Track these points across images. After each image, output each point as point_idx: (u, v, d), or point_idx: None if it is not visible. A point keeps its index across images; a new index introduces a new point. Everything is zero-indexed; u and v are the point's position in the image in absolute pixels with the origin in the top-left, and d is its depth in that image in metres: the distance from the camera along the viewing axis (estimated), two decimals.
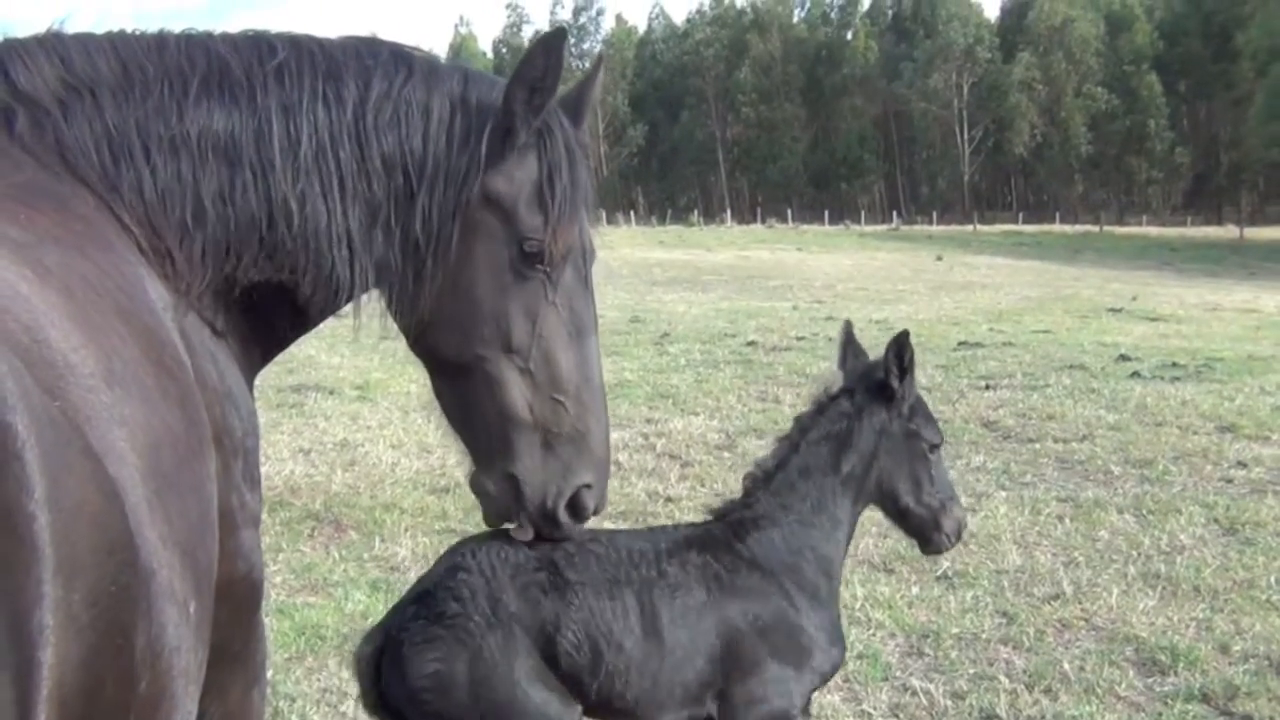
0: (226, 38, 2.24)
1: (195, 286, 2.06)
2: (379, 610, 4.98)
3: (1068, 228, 78.04)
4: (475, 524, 6.26)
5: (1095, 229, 74.36)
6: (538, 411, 2.32)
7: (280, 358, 2.61)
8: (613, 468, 7.53)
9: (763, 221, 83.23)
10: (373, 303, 2.32)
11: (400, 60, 2.27)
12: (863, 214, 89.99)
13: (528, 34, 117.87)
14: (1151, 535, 6.16)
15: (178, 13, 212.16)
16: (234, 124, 2.11)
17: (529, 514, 2.40)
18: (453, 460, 7.97)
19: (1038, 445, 8.40)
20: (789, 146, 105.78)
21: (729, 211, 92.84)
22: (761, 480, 2.80)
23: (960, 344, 14.58)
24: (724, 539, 2.69)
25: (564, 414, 2.33)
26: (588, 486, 2.38)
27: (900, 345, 2.89)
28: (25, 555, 1.19)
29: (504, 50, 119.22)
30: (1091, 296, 25.87)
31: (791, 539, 2.70)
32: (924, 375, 11.75)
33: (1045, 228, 76.98)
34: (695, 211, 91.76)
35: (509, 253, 2.27)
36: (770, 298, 24.54)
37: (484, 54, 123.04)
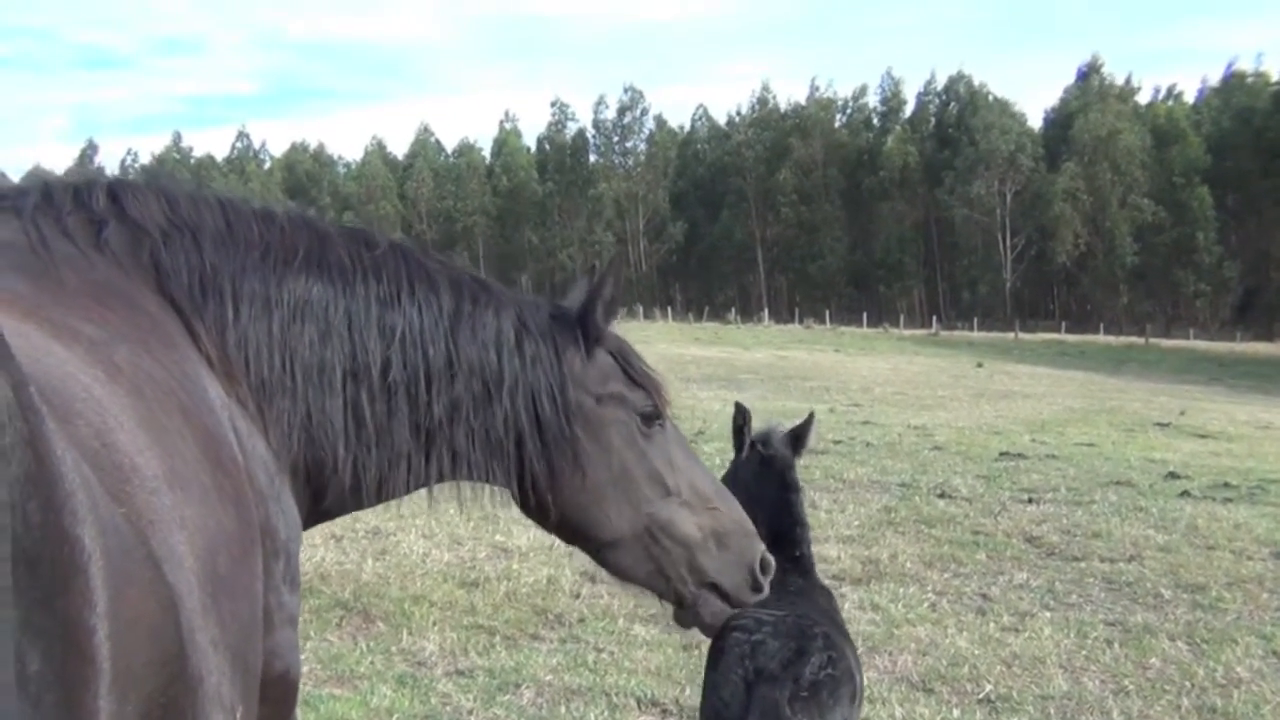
0: (331, 221, 2.56)
1: (265, 429, 2.20)
2: (405, 706, 4.94)
3: (1112, 338, 77.53)
4: (505, 620, 6.25)
5: (1140, 341, 73.80)
6: (705, 527, 2.85)
7: None
8: None
9: (800, 321, 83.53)
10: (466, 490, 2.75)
11: (479, 285, 2.65)
12: (902, 317, 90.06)
13: (570, 130, 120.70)
14: (1206, 666, 5.99)
15: (226, 96, 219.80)
16: (330, 301, 2.35)
17: (739, 604, 2.92)
18: (483, 553, 7.97)
19: (1083, 564, 8.24)
20: (829, 247, 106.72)
21: (766, 310, 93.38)
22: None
23: (1002, 454, 14.44)
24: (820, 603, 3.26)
25: (720, 514, 2.89)
26: (763, 550, 2.96)
27: (806, 426, 3.56)
28: (85, 670, 1.21)
29: (547, 146, 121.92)
30: (1137, 410, 25.58)
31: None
32: (964, 485, 11.63)
33: (1089, 338, 76.56)
34: (733, 309, 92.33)
35: (634, 425, 2.79)
36: (806, 399, 24.49)
37: (527, 149, 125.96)
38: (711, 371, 32.58)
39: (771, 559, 2.99)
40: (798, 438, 3.51)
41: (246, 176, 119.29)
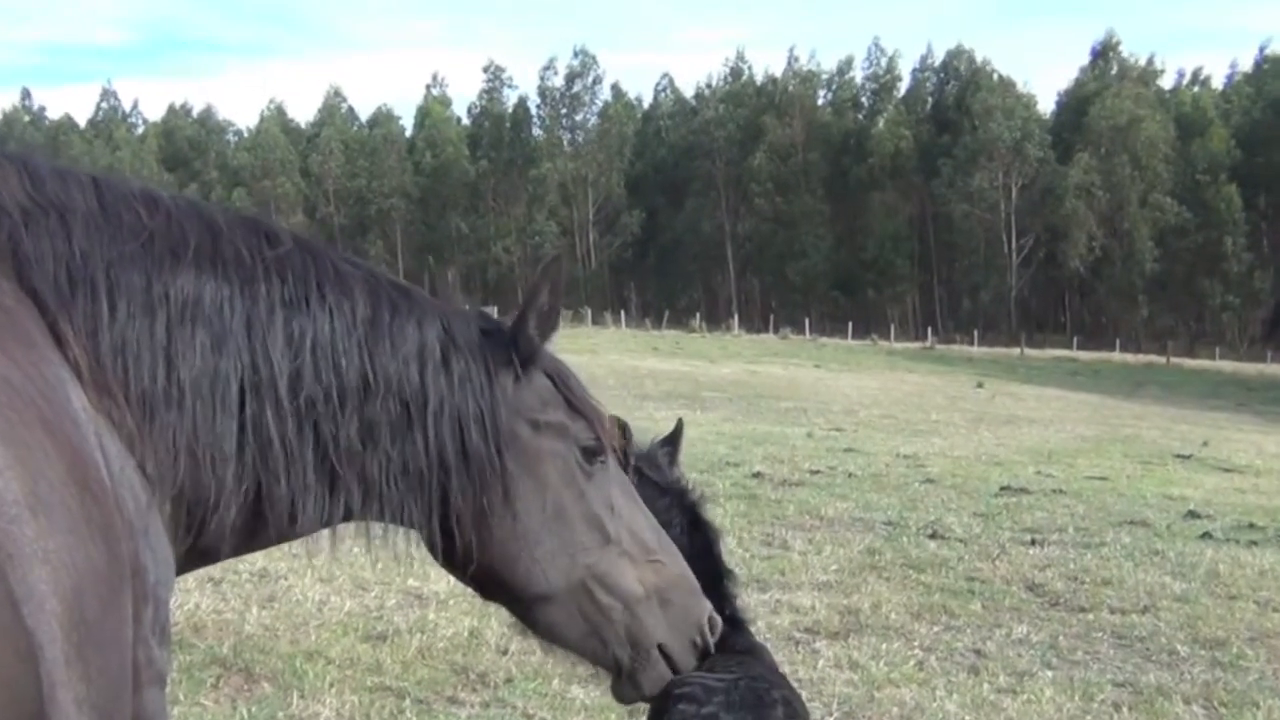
0: (225, 210, 2.51)
1: (142, 451, 2.15)
2: None
3: (1129, 356, 79.03)
4: (417, 681, 6.18)
5: (1161, 360, 75.38)
6: (647, 582, 2.87)
7: None
8: None
9: (775, 331, 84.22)
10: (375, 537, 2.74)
11: (400, 291, 2.63)
12: (893, 328, 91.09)
13: (509, 100, 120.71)
14: None
15: (87, 47, 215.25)
16: (225, 302, 2.32)
17: (683, 670, 2.94)
18: (393, 601, 7.88)
19: (1091, 616, 8.36)
20: (809, 245, 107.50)
21: (736, 317, 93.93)
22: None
23: (1002, 489, 14.62)
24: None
25: (663, 568, 2.91)
26: (710, 609, 3.00)
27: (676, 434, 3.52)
28: None
29: (481, 118, 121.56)
30: (1156, 439, 26.04)
31: None
32: (959, 524, 11.75)
33: (1103, 355, 78.00)
34: (697, 315, 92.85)
35: (574, 460, 2.79)
36: (781, 421, 24.64)
37: (457, 120, 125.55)
38: (671, 388, 32.68)
39: (719, 619, 3.01)
40: (671, 456, 3.46)
41: (115, 144, 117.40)
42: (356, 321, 2.49)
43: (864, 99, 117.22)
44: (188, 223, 2.37)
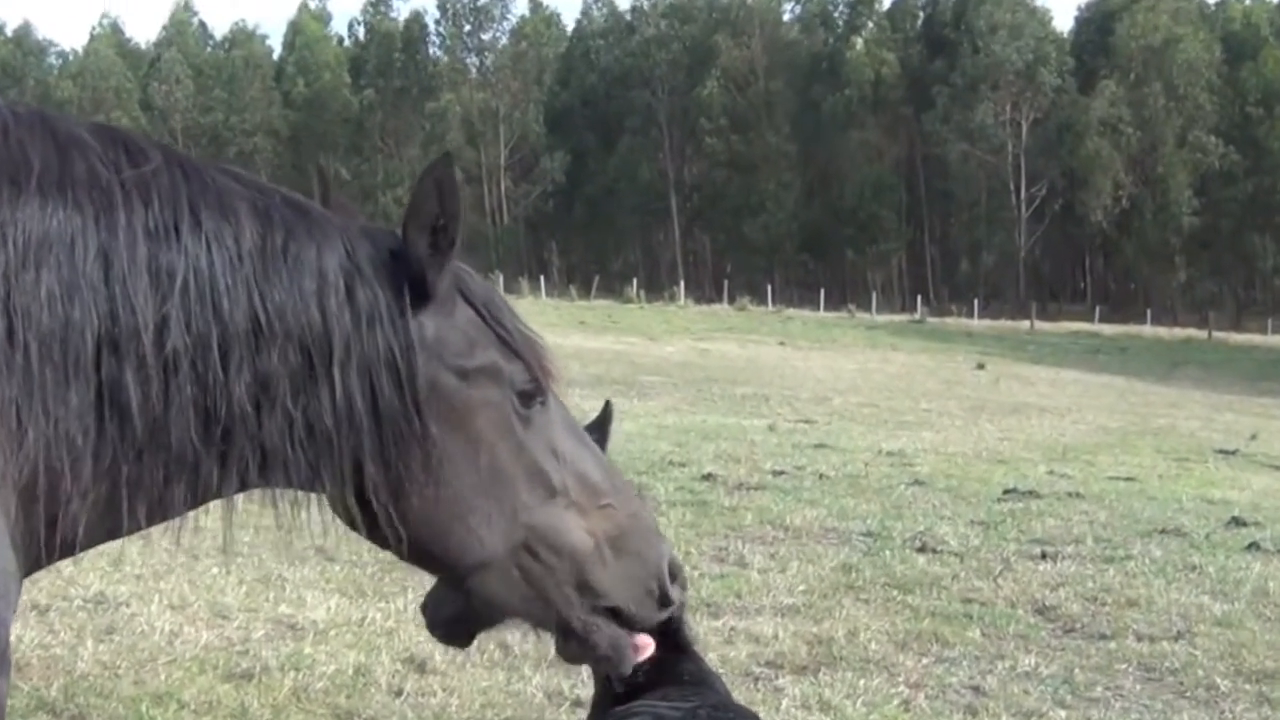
0: (76, 121, 2.47)
1: None
2: None
3: (1163, 330, 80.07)
4: None
5: (1201, 334, 76.39)
6: (597, 531, 3.01)
7: None
8: (499, 654, 7.46)
9: (731, 301, 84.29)
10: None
11: (294, 208, 2.61)
12: (874, 297, 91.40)
13: (401, 14, 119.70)
14: None
15: None
16: (77, 236, 2.29)
17: (643, 625, 3.12)
18: (261, 631, 7.87)
19: (1113, 644, 8.49)
20: (772, 195, 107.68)
21: (683, 284, 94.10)
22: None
23: (1007, 492, 14.79)
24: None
25: (614, 512, 3.05)
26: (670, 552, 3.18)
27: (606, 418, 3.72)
28: None
29: (370, 41, 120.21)
30: (1194, 431, 26.44)
31: None
32: (954, 535, 11.90)
33: (1131, 329, 78.94)
34: (634, 282, 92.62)
35: (510, 408, 2.87)
36: (737, 412, 24.70)
37: (337, 39, 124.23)
38: (602, 371, 32.61)
39: (679, 560, 3.21)
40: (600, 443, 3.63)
41: None
42: (242, 252, 2.46)
43: (838, 14, 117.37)
44: (30, 139, 2.34)
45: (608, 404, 3.83)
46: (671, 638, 3.40)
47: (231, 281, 2.45)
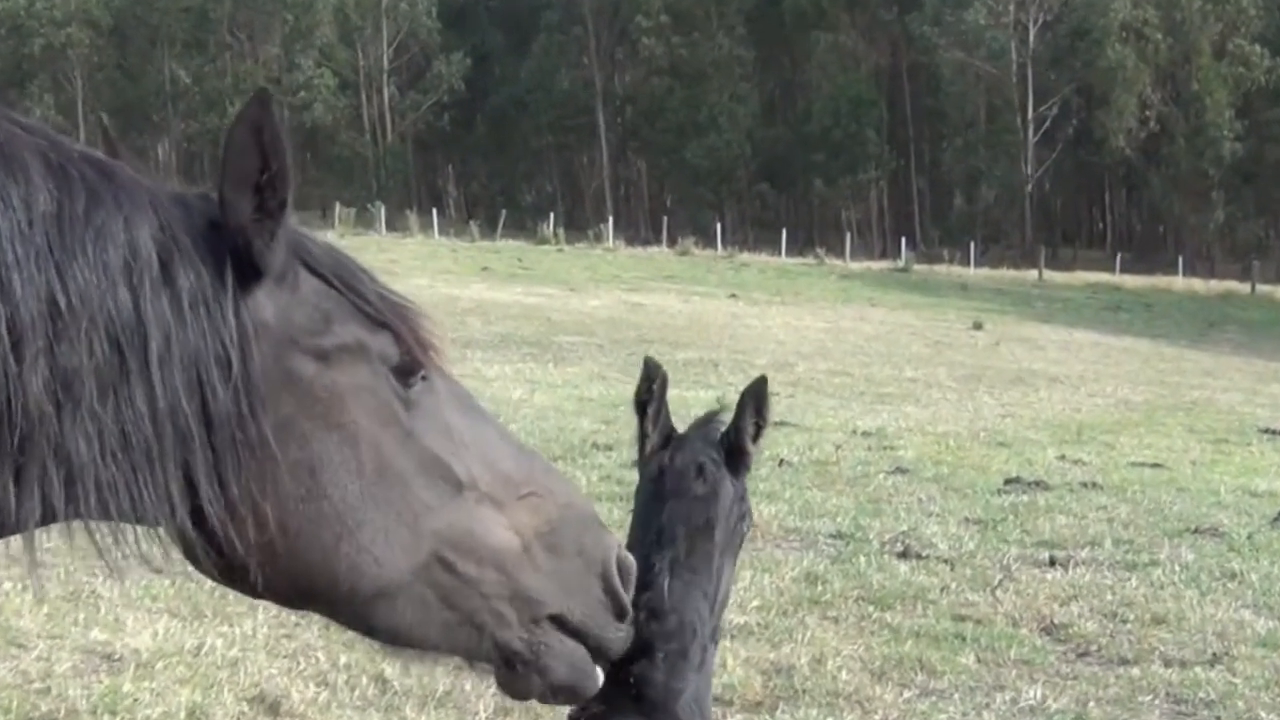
0: None
1: None
2: None
3: (1197, 282, 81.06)
4: None
5: (1243, 287, 77.34)
6: (523, 528, 2.99)
7: None
8: (374, 690, 7.45)
9: (671, 244, 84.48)
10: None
11: (98, 170, 2.58)
12: (849, 239, 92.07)
13: None
14: None
15: None
16: None
17: (598, 644, 3.09)
18: (68, 663, 7.80)
19: (1137, 670, 8.59)
20: (724, 112, 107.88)
21: (611, 222, 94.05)
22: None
23: (1009, 481, 14.94)
24: None
25: (540, 502, 3.04)
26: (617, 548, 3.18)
27: (760, 395, 3.70)
28: None
29: None
30: (1234, 406, 26.87)
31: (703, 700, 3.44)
32: (944, 536, 11.98)
33: (1159, 280, 79.75)
34: (551, 218, 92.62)
35: (387, 390, 2.83)
36: (679, 381, 24.66)
37: None
38: (510, 329, 32.63)
39: (630, 558, 3.18)
40: (738, 432, 3.66)
41: None
42: (34, 218, 2.41)
43: None
44: None
45: (762, 379, 3.76)
46: (631, 688, 3.28)
47: (22, 255, 2.39)
